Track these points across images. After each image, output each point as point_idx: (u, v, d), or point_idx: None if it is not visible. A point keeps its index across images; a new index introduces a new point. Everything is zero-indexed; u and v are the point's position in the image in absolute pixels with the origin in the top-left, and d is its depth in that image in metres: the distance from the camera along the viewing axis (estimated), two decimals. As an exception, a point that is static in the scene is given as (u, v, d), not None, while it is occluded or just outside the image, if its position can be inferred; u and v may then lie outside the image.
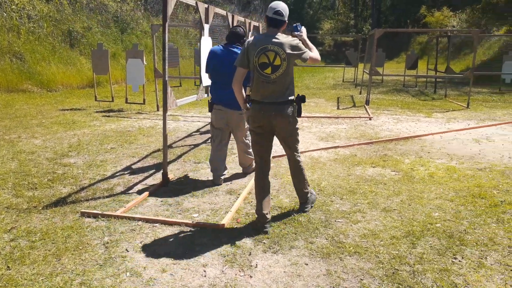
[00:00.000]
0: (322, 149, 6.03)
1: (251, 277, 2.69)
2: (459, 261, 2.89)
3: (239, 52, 3.86)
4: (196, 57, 10.92)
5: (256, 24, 8.11)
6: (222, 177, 4.54)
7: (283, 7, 3.27)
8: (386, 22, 40.71)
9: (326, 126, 7.87)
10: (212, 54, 4.34)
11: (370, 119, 8.66)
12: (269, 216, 3.36)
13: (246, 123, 4.09)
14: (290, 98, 3.33)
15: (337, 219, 3.58)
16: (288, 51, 3.21)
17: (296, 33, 3.49)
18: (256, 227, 3.35)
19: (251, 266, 2.82)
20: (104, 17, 15.75)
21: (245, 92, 3.52)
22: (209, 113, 4.48)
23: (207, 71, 4.50)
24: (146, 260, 2.88)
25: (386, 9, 41.90)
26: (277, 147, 6.15)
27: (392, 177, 4.73)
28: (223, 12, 5.83)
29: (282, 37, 3.24)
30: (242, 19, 6.92)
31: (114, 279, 2.64)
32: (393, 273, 2.73)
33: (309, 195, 3.75)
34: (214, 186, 4.39)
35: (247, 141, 4.60)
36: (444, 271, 2.76)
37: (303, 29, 3.55)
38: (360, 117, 8.79)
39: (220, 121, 4.40)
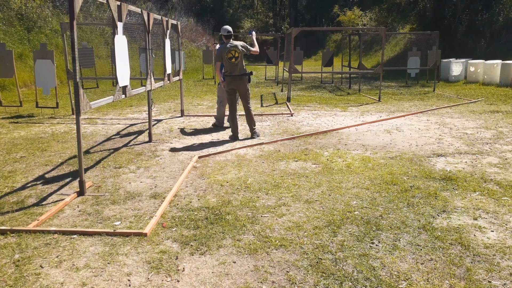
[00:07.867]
0: (248, 146, 6.10)
1: (178, 281, 2.63)
2: (376, 245, 3.08)
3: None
4: (113, 56, 10.42)
5: (174, 22, 7.94)
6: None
7: (230, 29, 6.48)
8: (303, 21, 42.23)
9: (249, 123, 7.95)
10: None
11: (291, 115, 8.93)
12: (239, 134, 6.71)
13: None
14: (244, 72, 6.46)
15: (263, 214, 3.64)
16: (240, 48, 6.36)
17: (249, 35, 6.63)
18: (232, 138, 6.57)
19: (178, 270, 2.76)
20: (7, 14, 14.41)
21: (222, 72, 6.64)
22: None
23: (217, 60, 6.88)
24: (63, 275, 2.69)
25: (303, 8, 43.46)
26: (204, 148, 6.08)
27: (313, 170, 4.92)
28: (138, 10, 5.63)
29: (234, 42, 6.44)
30: (158, 17, 6.73)
31: (27, 299, 2.43)
32: (317, 262, 2.84)
33: (255, 130, 6.72)
34: (136, 192, 4.24)
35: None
36: (363, 256, 2.92)
37: (253, 33, 6.96)
38: (282, 114, 9.02)
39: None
